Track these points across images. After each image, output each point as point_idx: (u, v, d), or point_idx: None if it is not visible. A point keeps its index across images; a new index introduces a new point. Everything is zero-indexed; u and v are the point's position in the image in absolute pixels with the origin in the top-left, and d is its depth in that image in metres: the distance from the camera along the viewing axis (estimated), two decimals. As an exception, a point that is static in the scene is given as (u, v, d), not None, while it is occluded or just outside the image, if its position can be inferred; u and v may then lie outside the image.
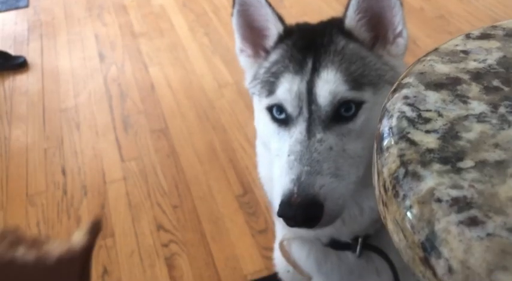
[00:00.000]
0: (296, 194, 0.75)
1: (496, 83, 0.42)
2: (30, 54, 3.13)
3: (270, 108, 0.87)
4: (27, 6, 3.72)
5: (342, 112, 0.82)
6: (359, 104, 0.83)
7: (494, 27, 0.48)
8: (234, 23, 0.99)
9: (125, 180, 2.18)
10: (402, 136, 0.38)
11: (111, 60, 3.01)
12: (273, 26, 0.94)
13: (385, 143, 0.39)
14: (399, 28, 0.91)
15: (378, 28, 0.91)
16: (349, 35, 0.89)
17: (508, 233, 0.31)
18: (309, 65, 0.85)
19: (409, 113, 0.40)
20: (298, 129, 0.82)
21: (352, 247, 0.93)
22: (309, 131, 0.81)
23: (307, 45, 0.88)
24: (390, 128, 0.40)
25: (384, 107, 0.43)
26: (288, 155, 0.80)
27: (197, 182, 2.14)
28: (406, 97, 0.41)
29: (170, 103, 2.60)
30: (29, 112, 2.66)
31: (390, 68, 0.89)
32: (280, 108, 0.85)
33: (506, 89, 0.41)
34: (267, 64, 0.93)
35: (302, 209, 0.74)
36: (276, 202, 0.79)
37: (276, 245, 1.16)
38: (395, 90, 0.43)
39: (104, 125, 2.51)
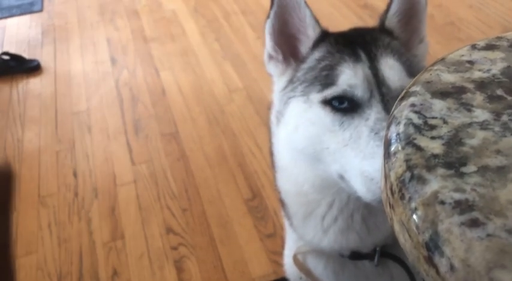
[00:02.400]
0: None
1: (499, 92, 0.44)
2: (44, 58, 3.18)
3: (328, 101, 0.85)
4: (41, 10, 3.78)
5: None
6: None
7: (499, 38, 0.50)
8: (269, 26, 0.96)
9: (135, 183, 2.21)
10: (409, 142, 0.40)
11: (122, 64, 3.05)
12: (311, 28, 0.93)
13: (393, 148, 0.41)
14: (423, 33, 0.94)
15: (407, 33, 0.94)
16: (390, 33, 0.92)
17: (507, 234, 0.33)
18: (363, 55, 0.86)
19: (416, 120, 0.42)
20: (375, 110, 0.81)
21: (370, 256, 0.94)
22: (387, 111, 0.80)
23: (351, 41, 0.90)
24: (398, 134, 0.42)
25: (391, 114, 0.45)
26: (376, 133, 0.78)
27: (206, 185, 2.16)
28: (413, 105, 0.43)
29: (181, 107, 2.64)
30: (41, 115, 2.70)
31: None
32: (341, 98, 0.84)
33: (509, 98, 0.43)
34: (307, 65, 0.93)
35: None
36: (372, 184, 0.76)
37: (287, 253, 1.17)
38: (402, 98, 0.45)
39: (115, 128, 2.54)
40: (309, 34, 0.94)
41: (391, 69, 0.84)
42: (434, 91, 0.44)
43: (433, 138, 0.40)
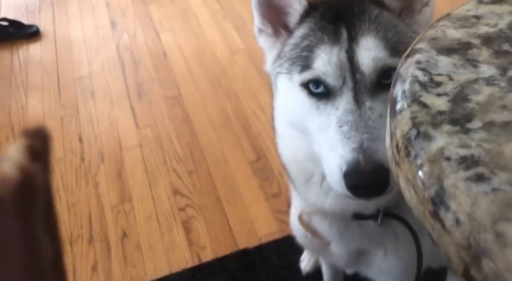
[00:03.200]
0: (364, 162, 0.73)
1: (506, 47, 0.44)
2: (43, 23, 3.14)
3: (305, 84, 0.85)
4: (36, -26, 3.70)
5: (382, 80, 0.81)
6: None
7: (506, -9, 0.50)
8: (254, 1, 0.96)
9: (140, 147, 2.22)
10: (414, 99, 0.40)
11: (122, 27, 3.02)
12: (297, 1, 0.92)
13: (399, 106, 0.41)
14: None
15: None
16: (380, 4, 0.89)
17: (511, 188, 0.33)
18: (344, 34, 0.83)
19: (421, 77, 0.42)
20: (345, 100, 0.81)
21: (374, 216, 0.95)
22: (357, 100, 0.80)
23: (337, 16, 0.87)
24: (403, 91, 0.42)
25: (397, 72, 0.45)
26: (340, 126, 0.79)
27: (211, 148, 2.18)
28: (418, 62, 0.43)
29: (183, 70, 2.62)
30: (43, 81, 2.69)
31: None
32: (318, 82, 0.84)
33: (515, 52, 0.43)
34: (293, 40, 0.91)
35: (374, 176, 0.73)
36: (335, 175, 0.78)
37: (293, 211, 1.19)
38: (408, 56, 0.45)
39: (118, 93, 2.54)
40: (295, 7, 0.92)
41: (368, 51, 0.81)
42: (439, 48, 0.44)
43: (438, 95, 0.40)
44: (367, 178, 0.73)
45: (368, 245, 1.07)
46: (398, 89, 0.42)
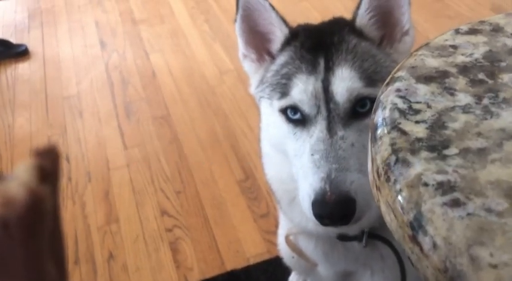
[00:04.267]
0: (329, 192, 0.76)
1: (481, 76, 0.45)
2: (32, 42, 3.15)
3: (283, 110, 0.88)
4: (26, -7, 3.72)
5: (358, 109, 0.83)
6: (374, 100, 0.85)
7: (482, 22, 0.52)
8: (238, 28, 0.98)
9: (128, 167, 2.22)
10: (394, 126, 0.42)
11: (112, 47, 3.03)
12: (278, 29, 0.94)
13: (379, 132, 0.42)
14: (406, 26, 0.93)
15: (386, 27, 0.93)
16: (359, 33, 0.91)
17: (485, 213, 0.35)
18: (322, 64, 0.86)
19: (401, 104, 0.43)
20: (319, 128, 0.83)
21: (358, 237, 0.96)
22: (330, 129, 0.82)
23: (316, 45, 0.89)
24: (384, 118, 0.43)
25: (377, 99, 0.46)
26: (312, 155, 0.81)
27: (199, 168, 2.18)
28: (398, 90, 0.45)
29: (172, 90, 2.63)
30: (31, 100, 2.69)
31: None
32: (295, 109, 0.86)
33: (490, 81, 0.45)
34: (274, 67, 0.94)
35: (338, 207, 0.75)
36: (305, 202, 0.80)
37: (280, 232, 1.19)
38: (388, 83, 0.47)
39: (107, 112, 2.54)
40: (277, 34, 0.95)
41: (343, 81, 0.83)
42: (418, 76, 0.46)
43: (417, 122, 0.42)
44: (332, 208, 0.75)
45: (354, 267, 1.07)
46: (379, 116, 0.44)
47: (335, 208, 0.75)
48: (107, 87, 2.71)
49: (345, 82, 0.83)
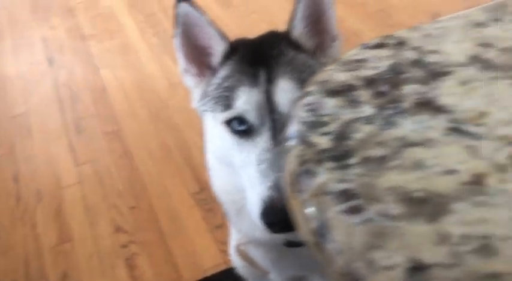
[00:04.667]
0: (277, 199, 0.77)
1: (384, 88, 0.49)
2: (-25, 61, 3.05)
3: (228, 122, 0.89)
4: (-32, 11, 3.61)
5: None
6: None
7: (388, 36, 0.55)
8: (177, 44, 1.00)
9: (80, 184, 2.18)
10: (302, 139, 0.44)
11: (60, 63, 2.98)
12: (218, 43, 0.96)
13: (288, 145, 0.45)
14: (334, 31, 0.97)
15: (318, 35, 0.97)
16: (296, 45, 0.94)
17: (382, 218, 0.37)
18: (262, 76, 0.88)
19: (309, 118, 0.46)
20: (264, 139, 0.85)
21: (305, 243, 0.99)
22: (275, 139, 0.84)
23: (256, 58, 0.92)
24: (293, 132, 0.46)
25: (290, 114, 0.49)
26: (258, 164, 0.83)
27: (153, 181, 2.17)
28: (307, 104, 0.47)
29: (123, 104, 2.61)
30: (-24, 121, 2.61)
31: None
32: (240, 120, 0.88)
33: (392, 92, 0.48)
34: (216, 81, 0.95)
35: (286, 212, 0.78)
36: (254, 212, 0.82)
37: (232, 243, 1.21)
38: (300, 98, 0.49)
39: (56, 129, 2.49)
40: (217, 48, 0.97)
41: (284, 93, 0.86)
42: (326, 90, 0.49)
43: (323, 134, 0.44)
44: (280, 215, 0.76)
45: (304, 272, 1.10)
46: (290, 130, 0.46)
47: (283, 214, 0.77)
48: (56, 104, 2.66)
49: (286, 93, 0.86)
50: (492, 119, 0.44)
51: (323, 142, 0.43)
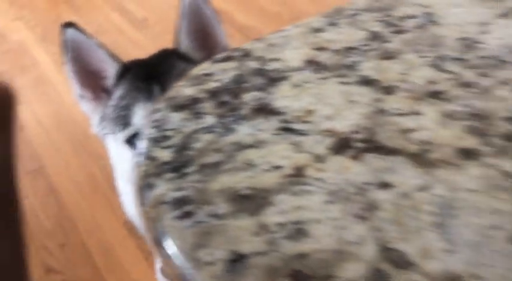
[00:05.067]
0: None
1: (227, 98, 0.52)
2: None
3: (129, 140, 0.92)
4: None
5: None
6: None
7: (236, 49, 0.59)
8: (69, 70, 1.02)
9: (4, 228, 2.10)
10: (146, 155, 0.47)
11: (-28, 106, 2.86)
12: (110, 66, 0.99)
13: (137, 162, 0.47)
14: (224, 42, 1.02)
15: (208, 48, 1.01)
16: (186, 58, 0.98)
17: (210, 218, 0.40)
18: (156, 90, 0.91)
19: (155, 134, 0.48)
20: None
21: None
22: None
23: (149, 74, 0.95)
24: (141, 149, 0.48)
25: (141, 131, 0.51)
26: None
27: (82, 215, 2.12)
28: (154, 121, 0.50)
29: (43, 140, 2.54)
30: None
31: None
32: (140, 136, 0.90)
33: (233, 101, 0.52)
34: (112, 102, 0.98)
35: None
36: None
37: (156, 267, 1.22)
38: (149, 116, 0.52)
39: (-26, 175, 2.39)
40: (109, 71, 0.99)
41: None
42: (173, 105, 0.51)
43: (166, 147, 0.47)
44: None
45: None
46: (138, 146, 0.49)
47: None
48: (-28, 148, 2.55)
49: None
50: (317, 116, 0.48)
51: (165, 155, 0.46)
